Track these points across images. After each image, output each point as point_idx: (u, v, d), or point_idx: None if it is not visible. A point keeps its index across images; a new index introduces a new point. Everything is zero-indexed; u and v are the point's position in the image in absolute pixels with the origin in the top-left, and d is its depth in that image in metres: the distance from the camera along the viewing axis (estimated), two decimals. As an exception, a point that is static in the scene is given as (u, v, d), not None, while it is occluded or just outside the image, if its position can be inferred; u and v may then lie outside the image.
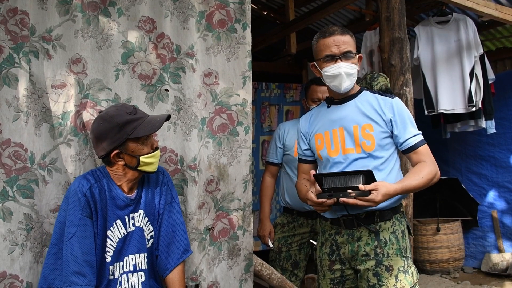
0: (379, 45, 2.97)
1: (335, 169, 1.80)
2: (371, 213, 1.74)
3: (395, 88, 2.79)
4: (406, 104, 2.77)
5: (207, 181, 2.02)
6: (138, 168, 1.63)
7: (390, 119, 1.76)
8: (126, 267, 1.66)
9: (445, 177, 4.31)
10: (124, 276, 1.66)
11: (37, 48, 1.72)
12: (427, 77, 3.58)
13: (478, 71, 3.50)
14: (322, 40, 1.76)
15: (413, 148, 1.75)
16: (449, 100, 3.52)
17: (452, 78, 3.51)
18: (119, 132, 1.57)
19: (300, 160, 1.99)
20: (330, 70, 1.74)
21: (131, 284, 1.67)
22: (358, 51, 1.89)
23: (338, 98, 1.84)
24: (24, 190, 1.66)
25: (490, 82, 3.70)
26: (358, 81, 2.16)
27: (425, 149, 1.76)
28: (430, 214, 4.40)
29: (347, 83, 1.75)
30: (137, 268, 1.68)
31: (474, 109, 3.47)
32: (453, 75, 3.50)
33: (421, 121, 3.32)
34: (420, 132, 1.79)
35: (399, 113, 1.77)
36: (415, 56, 3.60)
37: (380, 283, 1.69)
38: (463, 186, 4.25)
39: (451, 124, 3.93)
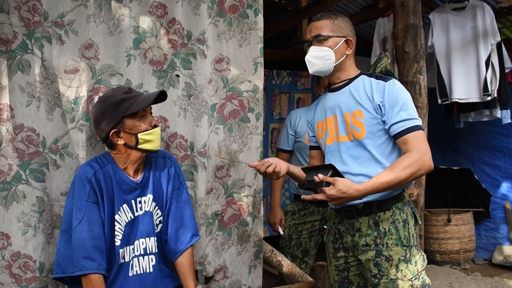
0: (392, 32, 2.92)
1: (330, 157, 1.80)
2: (369, 204, 1.71)
3: (408, 76, 2.75)
4: (420, 92, 2.73)
5: (217, 167, 2.02)
6: (138, 147, 1.64)
7: (379, 104, 1.67)
8: (137, 251, 1.68)
9: (457, 168, 4.26)
10: (135, 259, 1.68)
11: (50, 34, 1.72)
12: (441, 65, 3.52)
13: (495, 59, 3.42)
14: None
15: (400, 135, 1.63)
16: (464, 88, 3.46)
17: (467, 67, 3.43)
18: (115, 111, 1.60)
19: (309, 147, 2.01)
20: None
21: (143, 267, 1.69)
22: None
23: (335, 85, 1.82)
24: (36, 174, 1.68)
25: (506, 70, 3.61)
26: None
27: (413, 136, 1.62)
28: (442, 205, 4.36)
29: (315, 67, 1.76)
30: (147, 252, 1.70)
31: (489, 98, 3.40)
32: (468, 63, 3.43)
33: (434, 110, 3.28)
34: (414, 117, 1.64)
35: (390, 96, 1.66)
36: (429, 43, 3.53)
37: (381, 273, 1.68)
38: (475, 177, 4.20)
39: (465, 114, 3.86)
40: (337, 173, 1.60)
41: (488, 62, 3.38)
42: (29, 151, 1.67)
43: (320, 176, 1.57)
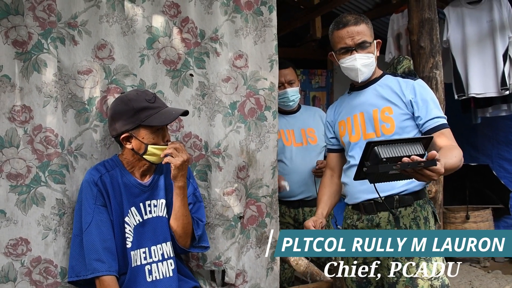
0: (407, 27, 2.88)
1: (355, 154, 1.76)
2: (390, 198, 1.68)
3: (424, 71, 2.71)
4: (436, 88, 2.69)
5: (239, 167, 1.97)
6: (144, 156, 1.63)
7: (410, 100, 1.70)
8: (155, 257, 1.67)
9: (475, 164, 4.18)
10: (154, 265, 1.67)
11: (63, 35, 1.71)
12: (457, 60, 3.47)
13: (513, 52, 3.37)
14: (337, 32, 1.75)
15: (437, 129, 1.66)
16: (481, 83, 3.41)
17: (484, 61, 3.38)
18: (133, 117, 1.59)
19: (328, 150, 2.00)
20: (346, 62, 1.74)
21: (162, 272, 1.68)
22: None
23: (359, 84, 1.82)
24: (55, 175, 1.67)
25: (525, 64, 3.55)
26: (386, 67, 2.10)
27: (449, 132, 1.67)
28: (460, 202, 4.29)
29: (364, 75, 1.74)
30: (165, 257, 1.69)
31: (507, 92, 3.35)
32: (485, 57, 3.38)
33: (450, 106, 3.22)
34: (445, 116, 1.70)
35: (421, 94, 1.70)
36: (444, 38, 3.49)
37: (400, 271, 1.65)
38: (494, 173, 4.12)
39: (482, 109, 3.79)
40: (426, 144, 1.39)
41: (505, 55, 3.34)
42: (48, 152, 1.65)
43: (434, 153, 1.31)
